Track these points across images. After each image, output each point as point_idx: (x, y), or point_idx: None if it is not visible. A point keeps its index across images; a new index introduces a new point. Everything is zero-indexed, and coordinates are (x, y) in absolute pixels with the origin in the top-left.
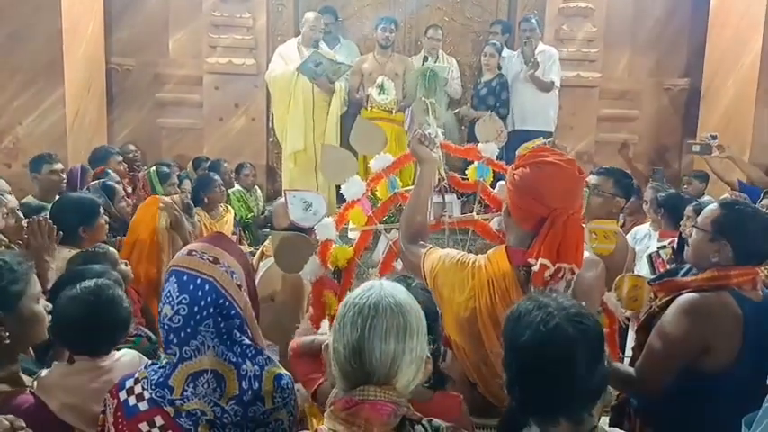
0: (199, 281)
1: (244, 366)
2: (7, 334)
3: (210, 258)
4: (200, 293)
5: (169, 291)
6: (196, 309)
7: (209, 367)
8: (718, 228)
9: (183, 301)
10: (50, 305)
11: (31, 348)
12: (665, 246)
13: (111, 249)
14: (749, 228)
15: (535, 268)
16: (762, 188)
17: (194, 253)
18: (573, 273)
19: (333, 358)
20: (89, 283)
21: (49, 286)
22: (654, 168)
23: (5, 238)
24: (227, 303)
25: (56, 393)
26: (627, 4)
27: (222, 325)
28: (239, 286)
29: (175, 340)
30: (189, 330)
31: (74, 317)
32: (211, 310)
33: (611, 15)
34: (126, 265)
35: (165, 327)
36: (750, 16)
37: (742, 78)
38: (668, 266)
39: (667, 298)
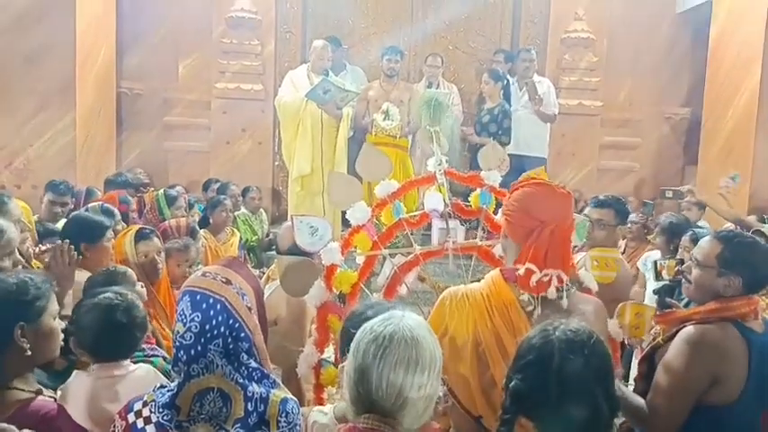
0: (211, 300)
1: (250, 388)
2: (29, 346)
3: (223, 279)
4: (211, 312)
5: (182, 309)
6: (207, 327)
7: (216, 385)
8: (724, 263)
9: (196, 318)
10: (63, 324)
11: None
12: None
13: (130, 270)
14: (756, 258)
15: (520, 272)
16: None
17: (208, 274)
18: (561, 281)
19: (344, 380)
20: (110, 294)
21: (67, 311)
22: (644, 201)
23: (22, 259)
24: (236, 325)
25: (74, 398)
26: (628, 34)
27: (231, 346)
28: (249, 309)
29: (185, 357)
30: (199, 348)
31: (95, 321)
32: (222, 329)
33: (612, 45)
34: (142, 286)
35: (177, 343)
36: (749, 47)
37: (742, 108)
38: (675, 269)
39: (671, 332)
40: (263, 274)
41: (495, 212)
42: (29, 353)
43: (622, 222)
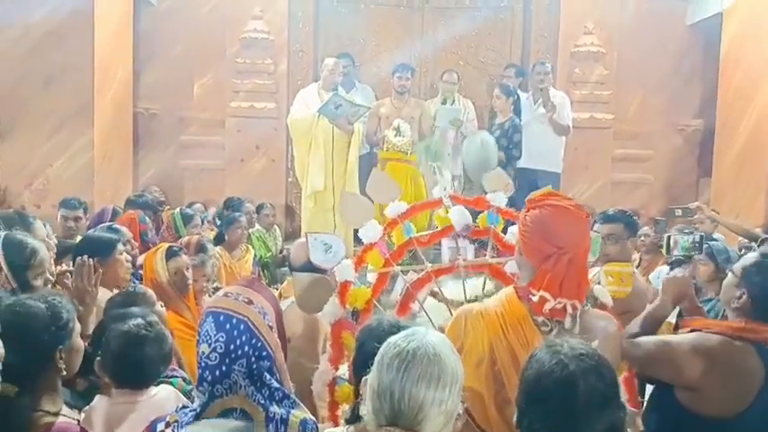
0: (234, 320)
1: (272, 409)
2: (65, 366)
3: (245, 300)
4: (235, 333)
5: (207, 330)
6: (232, 347)
7: (239, 406)
8: (743, 274)
9: (221, 339)
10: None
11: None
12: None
13: (149, 291)
14: None
15: (534, 299)
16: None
17: (230, 295)
18: (575, 308)
19: (367, 392)
20: (138, 320)
21: (88, 330)
22: (656, 219)
23: (52, 278)
24: (259, 344)
25: (97, 422)
26: (637, 46)
27: (254, 366)
28: (271, 327)
29: (210, 378)
30: (224, 369)
31: (123, 349)
32: (246, 349)
33: (622, 58)
34: (162, 306)
35: (202, 364)
36: (761, 58)
37: (756, 118)
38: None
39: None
40: (277, 290)
41: (504, 231)
42: (64, 373)
43: (633, 235)
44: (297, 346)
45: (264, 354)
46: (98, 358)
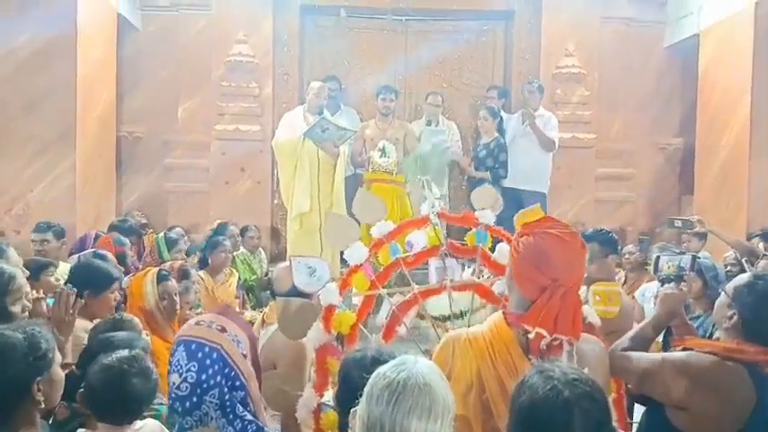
0: (207, 349)
1: None
2: (43, 398)
3: (218, 327)
4: (208, 362)
5: (177, 360)
6: (204, 377)
7: None
8: (735, 294)
9: (192, 368)
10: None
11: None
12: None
13: (136, 318)
14: (761, 304)
15: (531, 336)
16: (747, 257)
17: (202, 323)
18: (570, 344)
19: (357, 426)
20: (124, 352)
21: (68, 358)
22: (640, 238)
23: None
24: (233, 373)
25: None
26: (618, 67)
27: (227, 396)
28: (245, 356)
29: (180, 409)
30: (195, 399)
31: (106, 385)
32: (218, 378)
33: (603, 79)
34: (147, 335)
35: (173, 395)
36: (738, 77)
37: (735, 136)
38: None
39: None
40: (262, 313)
41: (492, 250)
42: (43, 405)
43: (612, 252)
44: (282, 373)
45: (238, 384)
46: (81, 390)
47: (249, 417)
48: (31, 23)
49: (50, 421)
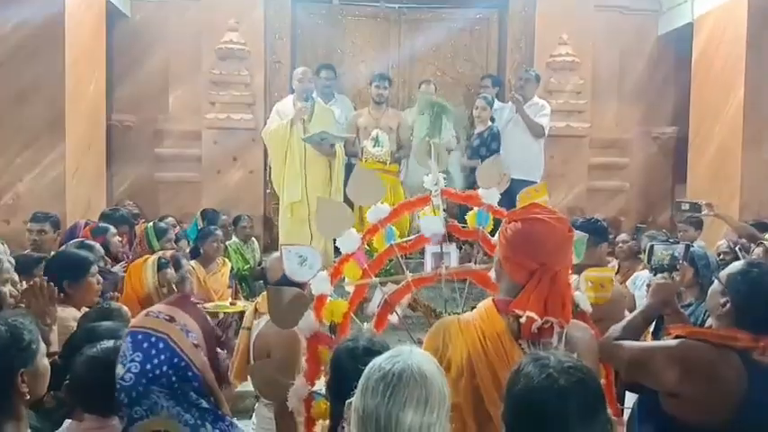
0: (153, 339)
1: (203, 430)
2: (28, 390)
3: (166, 317)
4: (153, 351)
5: (123, 351)
6: (149, 366)
7: (163, 428)
8: (728, 282)
9: (136, 358)
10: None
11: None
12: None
13: (124, 308)
14: (754, 292)
15: (522, 320)
16: (749, 242)
17: (150, 314)
18: (561, 326)
19: (352, 418)
20: (109, 343)
21: (52, 348)
22: (638, 225)
23: (15, 290)
24: (182, 363)
25: None
26: (612, 56)
27: (177, 386)
28: (196, 346)
29: (126, 400)
30: (141, 389)
31: (92, 377)
32: (165, 368)
33: (597, 68)
34: None
35: (117, 386)
36: (731, 65)
37: (728, 125)
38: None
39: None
40: (254, 303)
41: (493, 233)
42: (28, 397)
43: (602, 240)
44: (275, 362)
45: (190, 374)
46: (66, 382)
47: (206, 405)
48: (17, 11)
49: (37, 411)
